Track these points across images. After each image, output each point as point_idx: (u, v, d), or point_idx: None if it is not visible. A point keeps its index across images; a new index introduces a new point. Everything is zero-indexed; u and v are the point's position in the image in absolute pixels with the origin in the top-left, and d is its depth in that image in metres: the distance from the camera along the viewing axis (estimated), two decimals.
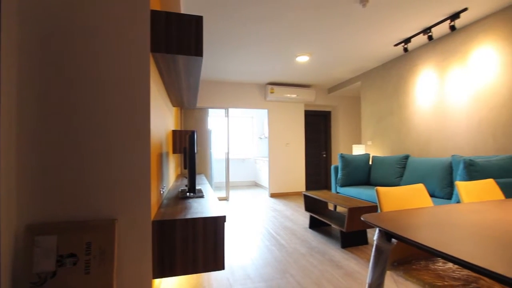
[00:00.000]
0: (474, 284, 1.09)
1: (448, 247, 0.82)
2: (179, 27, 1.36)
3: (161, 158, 1.83)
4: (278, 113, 5.86)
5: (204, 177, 3.58)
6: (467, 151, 3.06)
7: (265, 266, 2.27)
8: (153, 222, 1.26)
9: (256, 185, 7.81)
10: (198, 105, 5.31)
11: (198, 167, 5.12)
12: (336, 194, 3.38)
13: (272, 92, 5.43)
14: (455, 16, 2.79)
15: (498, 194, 1.70)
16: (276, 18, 2.83)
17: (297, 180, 5.97)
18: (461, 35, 3.13)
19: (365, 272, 2.13)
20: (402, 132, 4.03)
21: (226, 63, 4.30)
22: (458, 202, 2.17)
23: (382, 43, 3.56)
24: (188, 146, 1.73)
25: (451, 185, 2.75)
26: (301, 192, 6.00)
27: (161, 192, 1.75)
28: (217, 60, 4.13)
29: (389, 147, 4.30)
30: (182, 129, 5.11)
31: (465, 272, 1.19)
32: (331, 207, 4.43)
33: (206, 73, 4.82)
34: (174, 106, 3.02)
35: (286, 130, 5.92)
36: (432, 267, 1.24)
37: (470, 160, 2.20)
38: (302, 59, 4.07)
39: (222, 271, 2.23)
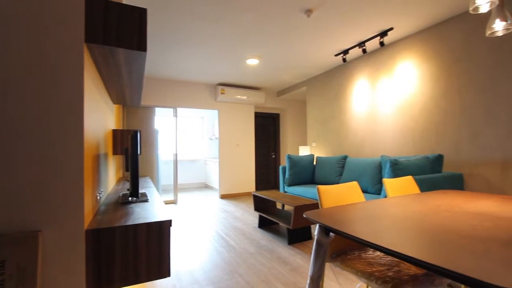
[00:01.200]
0: (396, 268, 1.26)
1: (375, 237, 0.93)
2: (120, 18, 1.26)
3: (98, 160, 1.66)
4: (228, 114, 5.86)
5: (149, 180, 3.37)
6: (393, 152, 3.51)
7: (213, 269, 2.24)
8: (86, 231, 1.14)
9: (206, 186, 7.66)
10: (144, 103, 4.98)
11: (142, 169, 4.79)
12: (284, 193, 3.53)
13: (222, 93, 5.41)
14: (383, 33, 3.19)
15: (416, 189, 1.99)
16: (226, 19, 2.83)
17: (247, 180, 6.06)
18: (389, 51, 3.58)
19: (309, 266, 2.27)
20: (341, 134, 4.41)
21: (175, 61, 4.14)
22: (385, 196, 2.48)
23: (324, 53, 3.85)
24: (130, 147, 1.61)
25: (380, 182, 3.12)
26: (251, 192, 6.10)
27: (98, 197, 1.59)
28: (165, 56, 3.94)
29: (331, 148, 4.67)
30: (125, 128, 4.73)
31: (389, 258, 1.36)
32: (279, 206, 4.61)
33: (153, 69, 4.55)
34: (115, 103, 2.77)
35: (237, 131, 5.95)
36: (364, 256, 1.39)
37: (395, 160, 2.53)
38: (252, 61, 4.15)
39: (168, 278, 2.13)
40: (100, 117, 1.80)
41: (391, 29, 3.11)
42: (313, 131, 5.14)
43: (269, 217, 3.11)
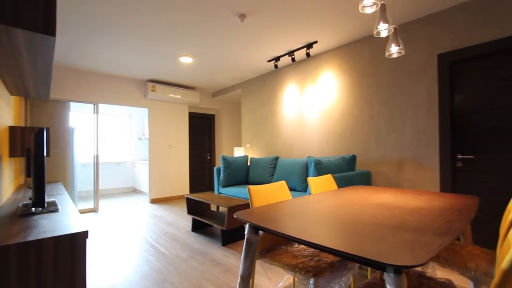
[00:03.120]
0: (317, 257, 1.40)
1: (298, 232, 1.01)
2: None
3: None
4: (160, 113, 5.52)
5: (61, 186, 2.91)
6: (318, 153, 3.90)
7: (141, 280, 2.07)
8: None
9: (135, 191, 7.03)
10: (55, 96, 4.27)
11: (53, 174, 4.09)
12: (218, 194, 3.52)
13: (153, 91, 5.06)
14: (309, 45, 3.51)
15: (334, 185, 2.25)
16: (159, 13, 2.67)
17: (181, 183, 5.81)
18: (314, 61, 3.96)
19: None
20: (274, 136, 4.66)
21: (98, 50, 3.67)
22: (310, 194, 2.73)
23: (257, 58, 4.01)
24: (34, 148, 1.36)
25: (306, 181, 3.42)
26: (185, 195, 5.87)
27: None
28: (85, 44, 3.46)
29: (264, 150, 4.88)
30: (28, 125, 3.96)
31: (312, 249, 1.51)
32: (214, 208, 4.57)
33: (69, 58, 3.94)
34: (13, 94, 2.30)
35: (169, 131, 5.66)
36: (290, 249, 1.50)
37: (318, 160, 2.81)
38: (186, 60, 4.02)
39: None
40: None
41: (315, 42, 3.44)
42: (248, 132, 5.28)
43: (203, 220, 3.05)
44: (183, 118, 5.90)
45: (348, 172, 2.97)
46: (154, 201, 5.36)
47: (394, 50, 1.81)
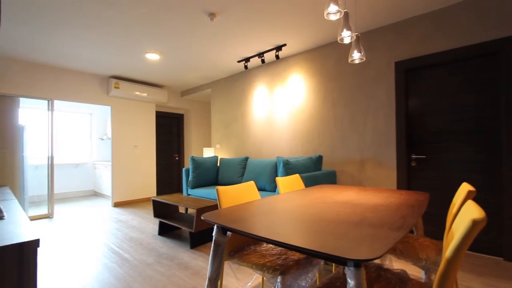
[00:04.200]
0: (285, 256, 1.43)
1: (265, 231, 1.03)
2: None
3: None
4: (124, 112, 5.23)
5: (8, 191, 2.62)
6: (286, 153, 3.99)
7: None
8: None
9: (96, 194, 6.59)
10: (1, 91, 3.84)
11: None
12: (187, 196, 3.43)
13: (117, 87, 4.79)
14: (278, 48, 3.58)
15: (302, 185, 2.32)
16: (124, 5, 2.53)
17: (147, 185, 5.57)
18: (283, 64, 4.05)
19: None
20: (244, 137, 4.67)
21: (52, 42, 3.37)
22: (278, 193, 2.79)
23: (227, 58, 3.99)
24: None
25: (275, 181, 3.47)
26: (151, 197, 5.64)
27: None
28: (38, 34, 3.16)
29: (234, 150, 4.87)
30: None
31: (280, 248, 1.54)
32: (182, 210, 4.45)
33: (18, 48, 3.57)
34: None
35: (135, 131, 5.39)
36: (259, 249, 1.52)
37: (287, 160, 2.88)
38: (153, 56, 3.86)
39: None
40: None
41: (284, 45, 3.52)
42: (217, 133, 5.23)
43: (170, 223, 2.95)
44: (150, 117, 5.66)
45: (315, 171, 3.08)
46: (117, 204, 5.07)
47: (356, 56, 1.92)
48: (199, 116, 6.73)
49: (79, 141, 6.51)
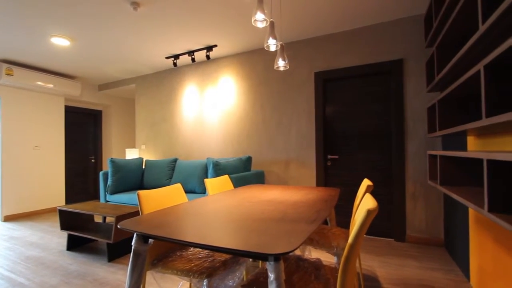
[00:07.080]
0: (212, 258, 1.42)
1: (191, 235, 1.00)
2: None
3: None
4: (20, 105, 4.32)
5: None
6: (217, 154, 3.98)
7: None
8: None
9: None
10: None
11: None
12: (105, 203, 3.06)
13: (9, 74, 3.91)
14: (209, 48, 3.55)
15: (231, 185, 2.35)
16: None
17: (53, 193, 4.73)
18: (214, 64, 4.03)
19: None
20: (173, 137, 4.45)
21: None
22: (207, 195, 2.76)
23: (154, 52, 3.74)
24: None
25: None
26: (57, 207, 4.80)
27: None
28: None
29: (162, 151, 4.59)
30: None
31: (206, 251, 1.52)
32: (99, 219, 3.94)
33: None
34: None
35: (36, 128, 4.50)
36: (185, 254, 1.47)
37: (217, 161, 2.87)
38: (61, 41, 3.30)
39: None
40: None
41: (215, 45, 3.51)
42: (143, 133, 4.83)
43: (82, 235, 2.58)
44: (58, 113, 4.82)
45: (244, 172, 3.16)
46: (9, 218, 4.14)
47: (281, 64, 2.06)
48: (121, 114, 6.08)
49: None
